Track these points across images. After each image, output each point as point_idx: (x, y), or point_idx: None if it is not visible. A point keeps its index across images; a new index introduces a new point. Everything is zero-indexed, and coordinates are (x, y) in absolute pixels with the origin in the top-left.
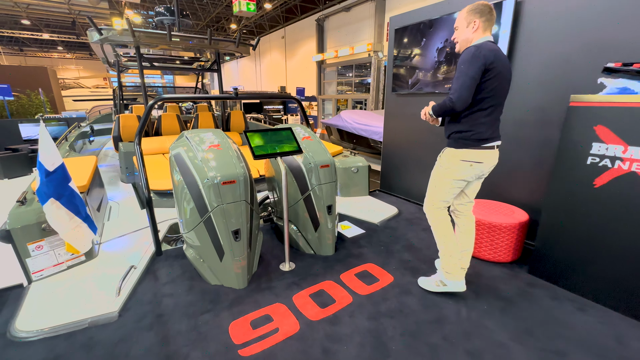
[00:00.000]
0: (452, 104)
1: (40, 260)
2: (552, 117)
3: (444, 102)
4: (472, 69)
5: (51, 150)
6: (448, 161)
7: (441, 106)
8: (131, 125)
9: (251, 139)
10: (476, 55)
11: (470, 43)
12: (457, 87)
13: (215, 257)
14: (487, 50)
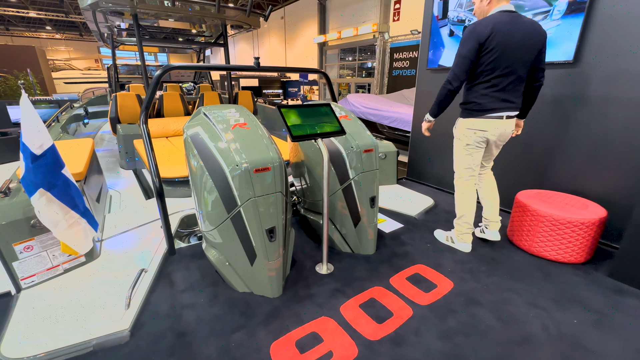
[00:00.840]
0: (447, 85)
1: (30, 264)
2: None
3: (440, 91)
4: (465, 48)
5: (38, 129)
6: (459, 130)
7: (437, 98)
8: (130, 105)
9: (286, 116)
10: (470, 33)
11: (485, 15)
12: (452, 68)
13: (245, 261)
14: (482, 27)
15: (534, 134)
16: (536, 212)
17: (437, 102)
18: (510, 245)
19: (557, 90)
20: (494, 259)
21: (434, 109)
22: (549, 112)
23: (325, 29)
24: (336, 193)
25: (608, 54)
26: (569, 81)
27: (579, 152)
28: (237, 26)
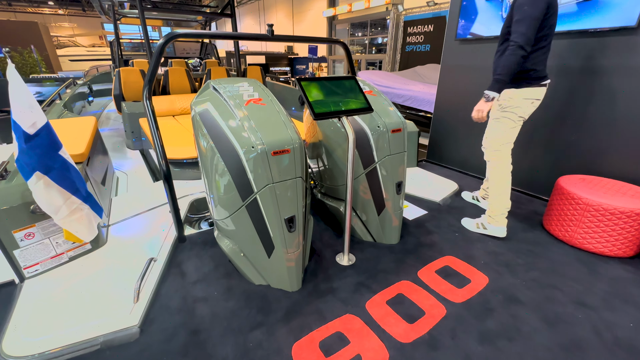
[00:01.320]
0: (520, 51)
1: (32, 252)
2: None
3: (510, 60)
4: (537, 9)
5: (29, 105)
6: (510, 101)
7: (508, 66)
8: (134, 81)
9: (307, 90)
10: None
11: None
12: (524, 31)
13: (262, 253)
14: None
15: (579, 111)
16: (581, 200)
17: (507, 73)
18: (546, 235)
19: (612, 61)
20: (531, 251)
21: (500, 83)
22: (601, 86)
23: (335, 2)
24: (359, 177)
25: None
26: (629, 50)
27: (634, 133)
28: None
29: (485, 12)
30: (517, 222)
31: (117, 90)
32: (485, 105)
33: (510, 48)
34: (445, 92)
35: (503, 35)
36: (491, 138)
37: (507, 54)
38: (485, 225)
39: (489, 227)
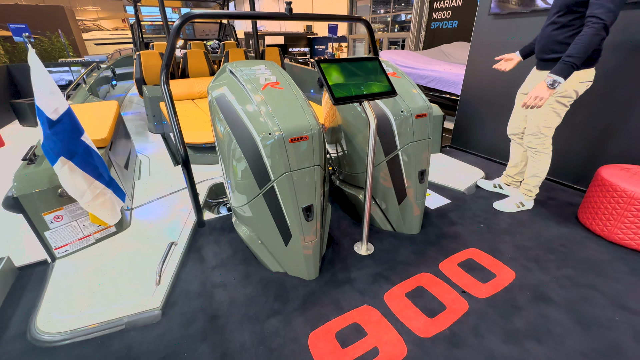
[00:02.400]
0: (602, 32)
1: (62, 234)
2: None
3: (591, 41)
4: None
5: (51, 91)
6: (567, 86)
7: (586, 49)
8: (154, 64)
9: (328, 74)
10: None
11: None
12: (612, 7)
13: (279, 241)
14: None
15: (624, 92)
16: (625, 193)
17: (584, 54)
18: (582, 230)
19: None
20: (564, 246)
21: (573, 65)
22: None
23: None
24: (380, 165)
25: None
26: None
27: None
28: None
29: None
30: (549, 214)
31: (138, 73)
32: (548, 93)
33: (594, 27)
34: (475, 73)
35: (564, 4)
36: (541, 125)
37: (589, 33)
38: (524, 203)
39: (526, 203)
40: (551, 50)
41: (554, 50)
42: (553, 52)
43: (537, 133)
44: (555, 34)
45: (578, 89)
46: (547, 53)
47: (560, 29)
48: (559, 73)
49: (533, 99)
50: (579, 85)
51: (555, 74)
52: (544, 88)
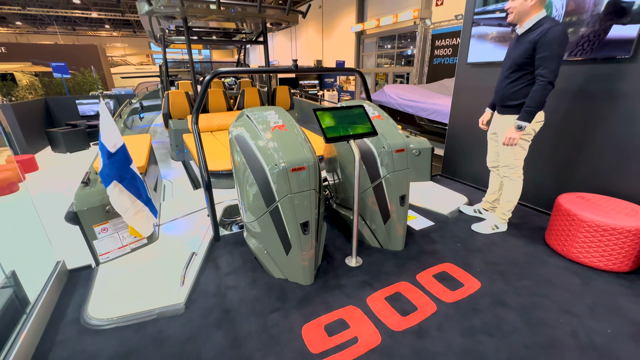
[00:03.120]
0: (550, 86)
1: (106, 243)
2: None
3: (542, 94)
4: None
5: (112, 130)
6: (529, 125)
7: (539, 101)
8: (180, 101)
9: (322, 119)
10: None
11: (527, 16)
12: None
13: (281, 250)
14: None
15: (580, 131)
16: (576, 217)
17: (538, 104)
18: (546, 249)
19: (611, 86)
20: (528, 262)
21: (534, 112)
22: (600, 108)
23: (363, 17)
24: (367, 190)
25: None
26: (624, 77)
27: (631, 153)
28: (276, 23)
29: (493, 41)
30: (520, 236)
31: (165, 109)
32: (518, 134)
33: (542, 83)
34: (459, 111)
35: (515, 63)
36: (511, 158)
37: (539, 89)
38: (498, 226)
39: (500, 226)
40: (508, 99)
41: (510, 99)
42: (510, 100)
43: (510, 164)
44: (510, 87)
45: (535, 127)
46: (505, 102)
47: (513, 83)
48: (523, 119)
49: (508, 140)
50: (535, 124)
51: (521, 120)
52: (514, 131)
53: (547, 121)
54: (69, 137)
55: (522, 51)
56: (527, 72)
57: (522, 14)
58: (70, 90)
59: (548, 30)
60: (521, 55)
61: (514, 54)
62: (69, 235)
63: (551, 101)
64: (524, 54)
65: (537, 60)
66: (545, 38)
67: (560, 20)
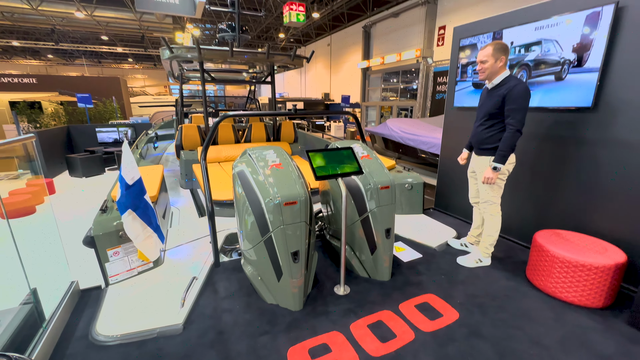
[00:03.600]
0: (518, 133)
1: (116, 265)
2: None
3: (512, 140)
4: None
5: (132, 166)
6: (503, 166)
7: (510, 145)
8: (192, 134)
9: (313, 159)
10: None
11: (495, 75)
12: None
13: (273, 277)
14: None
15: (553, 172)
16: (549, 253)
17: (510, 148)
18: (526, 283)
19: (576, 133)
20: (507, 296)
21: (506, 155)
22: (569, 152)
23: (369, 55)
24: (355, 223)
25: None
26: (589, 125)
27: (599, 194)
28: (283, 66)
29: (472, 92)
30: (503, 270)
31: (178, 141)
32: (495, 174)
33: (510, 131)
34: (447, 149)
35: (488, 113)
36: (490, 195)
37: (509, 136)
38: (482, 260)
39: (484, 260)
40: (484, 143)
41: (486, 143)
42: (485, 144)
43: (489, 201)
44: (484, 132)
45: (509, 168)
46: (481, 145)
47: (487, 129)
48: (498, 161)
49: (486, 179)
50: (509, 165)
51: (496, 162)
52: (491, 172)
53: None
54: (86, 163)
55: (493, 103)
56: (499, 120)
57: (492, 73)
58: (91, 119)
59: (514, 87)
60: (493, 107)
61: (487, 105)
62: (81, 257)
63: (526, 143)
64: (495, 105)
65: (506, 111)
66: (511, 93)
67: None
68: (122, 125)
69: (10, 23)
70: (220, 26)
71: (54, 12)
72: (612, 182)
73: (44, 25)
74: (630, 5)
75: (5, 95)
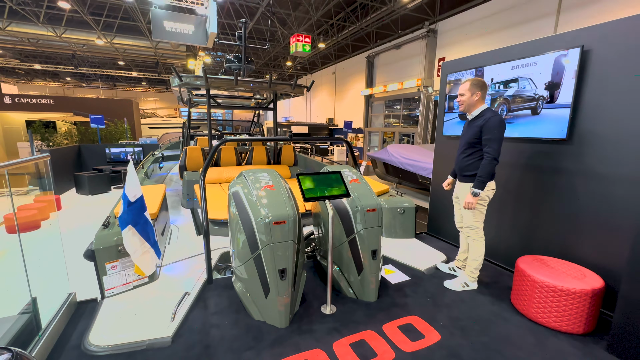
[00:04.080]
0: (495, 162)
1: (113, 279)
2: (627, 172)
3: (489, 167)
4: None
5: (135, 184)
6: (484, 192)
7: (488, 172)
8: (195, 156)
9: (302, 182)
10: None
11: (473, 107)
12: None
13: (261, 294)
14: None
15: (534, 199)
16: (530, 278)
17: (487, 175)
18: (510, 308)
19: (554, 163)
20: (490, 320)
21: (485, 182)
22: (548, 181)
23: (372, 83)
24: (343, 244)
25: (597, 136)
26: (565, 156)
27: (577, 221)
28: (286, 94)
29: (459, 122)
30: (488, 294)
31: (182, 162)
32: (475, 199)
33: (487, 159)
34: (438, 174)
35: (468, 142)
36: (472, 220)
37: (486, 163)
38: (468, 284)
39: (470, 284)
40: (465, 170)
41: (467, 170)
42: (466, 171)
43: (471, 225)
44: (465, 160)
45: (489, 194)
46: (463, 172)
47: (468, 157)
48: (477, 187)
49: (467, 204)
50: (489, 192)
51: (475, 188)
52: (471, 197)
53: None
54: (93, 181)
55: (472, 133)
56: (477, 149)
57: (469, 105)
58: (102, 139)
59: (490, 118)
60: (472, 137)
61: (467, 135)
62: (81, 270)
63: (510, 172)
64: (474, 135)
65: (484, 141)
66: (487, 124)
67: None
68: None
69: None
70: (228, 57)
71: (76, 40)
72: (589, 211)
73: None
74: (594, 48)
75: (22, 114)
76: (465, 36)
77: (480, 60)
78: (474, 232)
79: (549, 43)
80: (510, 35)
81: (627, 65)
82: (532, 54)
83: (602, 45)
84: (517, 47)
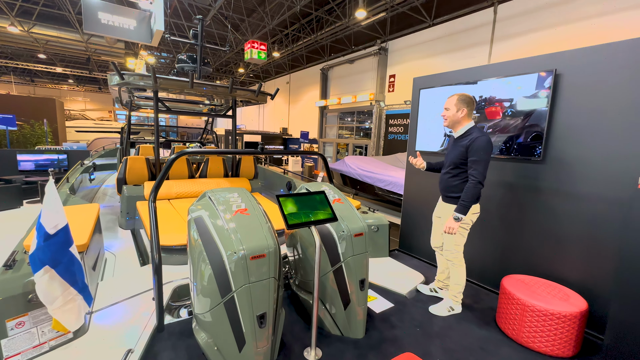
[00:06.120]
0: (480, 185)
1: (18, 341)
2: (612, 193)
3: (474, 191)
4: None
5: (56, 210)
6: (467, 216)
7: (472, 196)
8: (138, 167)
9: (284, 204)
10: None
11: (458, 123)
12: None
13: (234, 347)
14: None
15: (515, 218)
16: (520, 301)
17: (471, 199)
18: (498, 333)
19: (532, 182)
20: (483, 349)
21: (468, 206)
22: (527, 199)
23: (326, 95)
24: (327, 274)
25: (570, 156)
26: (541, 175)
27: (555, 240)
28: (246, 101)
29: (432, 137)
30: (473, 318)
31: (121, 174)
32: (456, 224)
33: (473, 182)
34: (410, 191)
35: (453, 162)
36: (452, 244)
37: (471, 186)
38: (454, 307)
39: (455, 307)
40: (449, 191)
41: (452, 190)
42: (451, 192)
43: (451, 249)
44: (450, 180)
45: (472, 218)
46: (447, 193)
47: (453, 177)
48: (460, 211)
49: (448, 229)
50: (472, 215)
51: (458, 212)
52: (453, 221)
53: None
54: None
55: (457, 153)
56: (463, 170)
57: (454, 122)
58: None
59: (476, 139)
60: (457, 157)
61: (452, 154)
62: None
63: (491, 190)
64: (459, 155)
65: (469, 162)
66: (474, 145)
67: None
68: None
69: None
70: (179, 56)
71: None
72: (568, 230)
73: None
74: (565, 73)
75: None
76: (413, 56)
77: (452, 78)
78: (454, 256)
79: (524, 64)
80: (452, 59)
81: (596, 88)
82: (506, 74)
83: (572, 70)
84: (490, 67)
